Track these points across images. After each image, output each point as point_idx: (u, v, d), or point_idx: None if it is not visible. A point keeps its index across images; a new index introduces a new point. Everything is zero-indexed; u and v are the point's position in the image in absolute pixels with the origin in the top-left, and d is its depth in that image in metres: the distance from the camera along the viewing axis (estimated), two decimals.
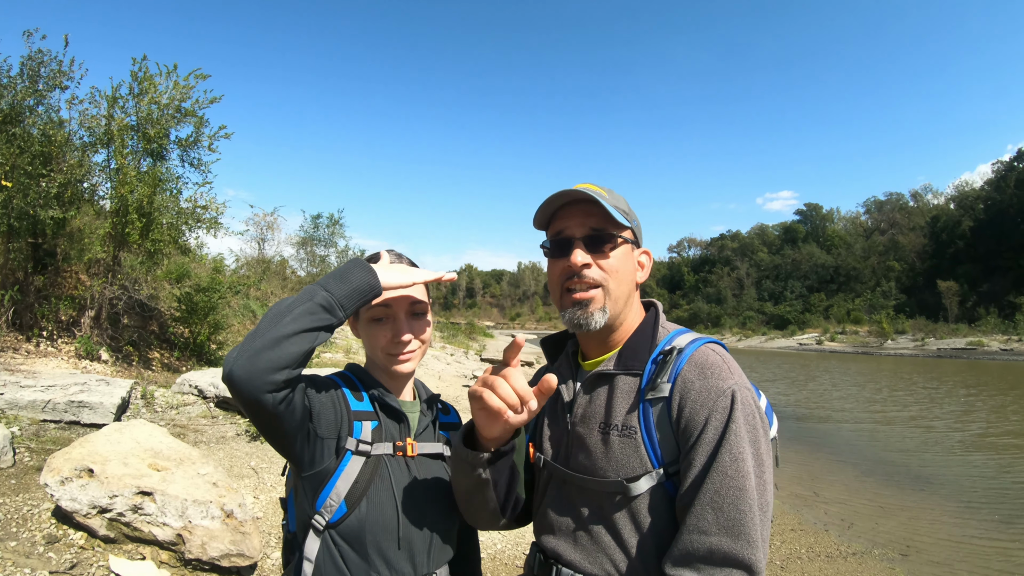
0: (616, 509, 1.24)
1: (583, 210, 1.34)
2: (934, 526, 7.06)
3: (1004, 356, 48.24)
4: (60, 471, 3.75)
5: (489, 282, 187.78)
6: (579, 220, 1.33)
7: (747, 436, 1.16)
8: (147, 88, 8.90)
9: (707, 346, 1.30)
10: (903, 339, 66.83)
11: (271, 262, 23.18)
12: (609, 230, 1.33)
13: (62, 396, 5.91)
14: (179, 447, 4.37)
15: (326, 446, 1.36)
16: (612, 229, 1.33)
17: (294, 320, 1.20)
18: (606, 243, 1.32)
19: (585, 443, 1.31)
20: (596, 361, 1.40)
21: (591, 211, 1.33)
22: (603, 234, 1.32)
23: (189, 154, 9.83)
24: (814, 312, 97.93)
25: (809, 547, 6.20)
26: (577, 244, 1.32)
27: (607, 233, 1.32)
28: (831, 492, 8.49)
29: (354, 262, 1.35)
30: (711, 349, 1.29)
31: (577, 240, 1.32)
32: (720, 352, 1.29)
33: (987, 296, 74.85)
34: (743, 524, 1.10)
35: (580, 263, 1.30)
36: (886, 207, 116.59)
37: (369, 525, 1.36)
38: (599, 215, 1.32)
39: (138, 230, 8.57)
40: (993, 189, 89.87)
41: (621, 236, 1.34)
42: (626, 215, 1.35)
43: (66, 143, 8.36)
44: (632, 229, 1.38)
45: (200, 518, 3.76)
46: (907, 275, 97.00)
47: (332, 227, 25.73)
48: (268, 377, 1.16)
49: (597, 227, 1.32)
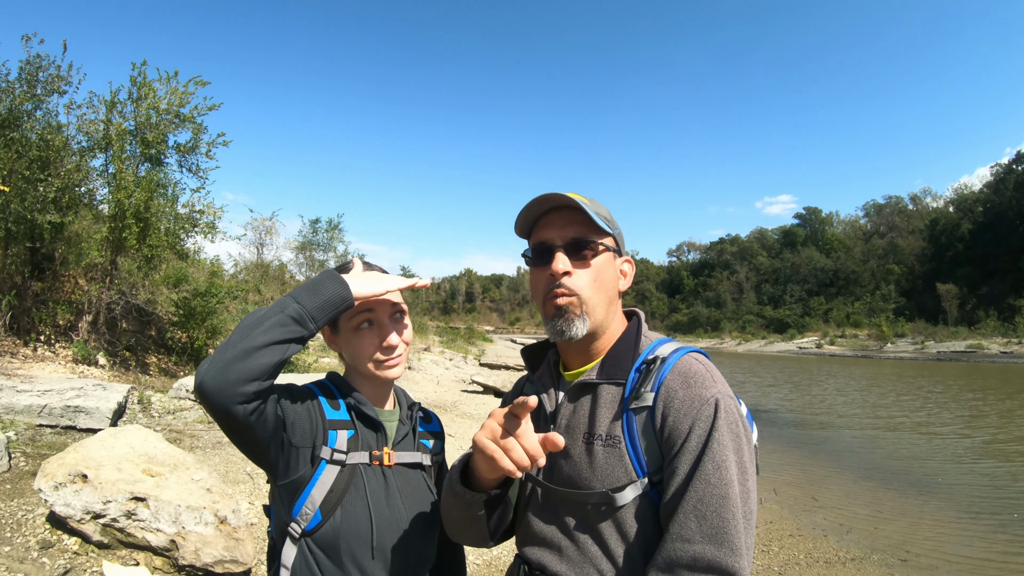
0: (602, 519, 1.23)
1: (565, 217, 1.32)
2: (934, 531, 7.03)
3: (1004, 359, 48.18)
4: (54, 476, 3.74)
5: (488, 287, 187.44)
6: (560, 227, 1.32)
7: (731, 444, 1.16)
8: (146, 93, 8.94)
9: (690, 355, 1.29)
10: (903, 342, 66.65)
11: (270, 267, 23.19)
12: (590, 237, 1.31)
13: (58, 401, 5.90)
14: (173, 452, 4.37)
15: (301, 455, 1.36)
16: (593, 236, 1.32)
17: (265, 332, 1.20)
18: (587, 250, 1.31)
19: (569, 453, 1.30)
20: (578, 371, 1.39)
21: (573, 218, 1.32)
22: (584, 241, 1.31)
23: (187, 160, 9.88)
24: (813, 316, 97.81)
25: (807, 553, 6.18)
26: (558, 251, 1.30)
27: (588, 240, 1.31)
28: (829, 497, 8.45)
29: (326, 274, 1.35)
30: (694, 358, 1.28)
31: (558, 247, 1.31)
32: (703, 361, 1.29)
33: (986, 299, 74.79)
34: (726, 532, 1.10)
35: (561, 270, 1.29)
36: (885, 210, 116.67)
37: (343, 534, 1.36)
38: (581, 222, 1.31)
39: (135, 235, 8.59)
40: (992, 192, 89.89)
41: (603, 244, 1.33)
42: (608, 222, 1.34)
43: (64, 148, 8.40)
44: (614, 237, 1.37)
45: (194, 524, 3.75)
46: (906, 278, 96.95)
47: (331, 232, 25.79)
48: (238, 388, 1.16)
49: (578, 235, 1.31)
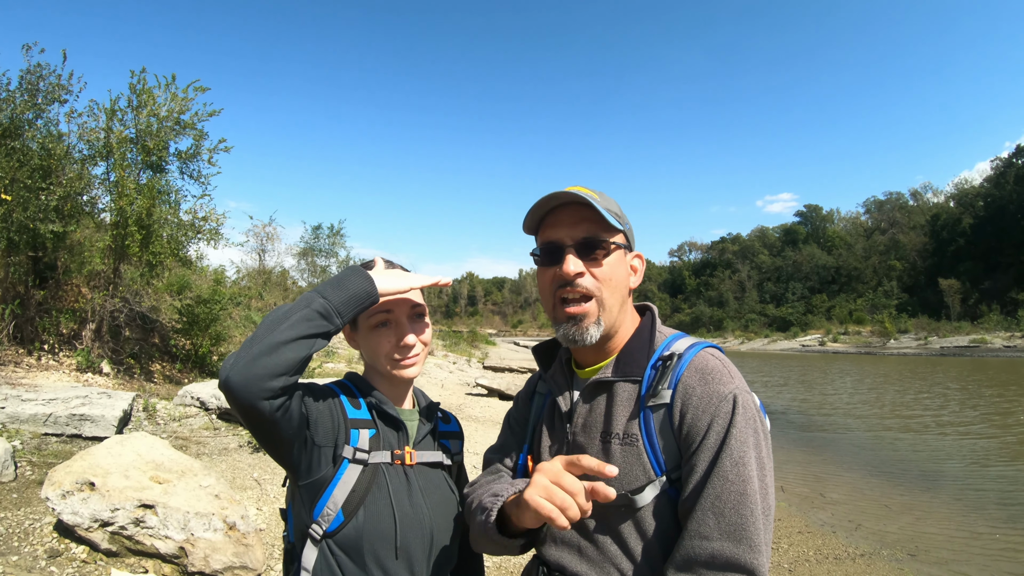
0: (621, 520, 1.21)
1: (574, 214, 1.28)
2: (942, 526, 7.00)
3: (1008, 353, 48.13)
4: (61, 484, 3.73)
5: (491, 290, 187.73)
6: (570, 225, 1.28)
7: (750, 440, 1.15)
8: (146, 101, 8.92)
9: (706, 351, 1.27)
10: (906, 338, 66.71)
11: (272, 273, 23.18)
12: (601, 235, 1.27)
13: (64, 409, 5.89)
14: (180, 459, 4.35)
15: (323, 454, 1.34)
16: (604, 234, 1.27)
17: (291, 327, 1.19)
18: (599, 249, 1.27)
19: (586, 453, 1.27)
20: (593, 369, 1.36)
21: (583, 215, 1.27)
22: (596, 240, 1.26)
23: (189, 166, 9.86)
24: (816, 313, 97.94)
25: (817, 549, 6.15)
26: (569, 251, 1.26)
27: (600, 239, 1.27)
28: (837, 494, 8.42)
29: (351, 269, 1.33)
30: (710, 354, 1.27)
31: (568, 247, 1.27)
32: (719, 356, 1.27)
33: (989, 293, 74.84)
34: (745, 528, 1.09)
35: (573, 272, 1.25)
36: (886, 207, 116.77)
37: (366, 534, 1.33)
38: (591, 220, 1.27)
39: (138, 242, 8.57)
40: (993, 186, 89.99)
41: (614, 241, 1.28)
42: (618, 218, 1.30)
43: (65, 156, 8.39)
44: (624, 233, 1.32)
45: (202, 530, 3.74)
46: (908, 274, 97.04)
47: (333, 237, 25.76)
48: (265, 384, 1.15)
49: (589, 233, 1.27)
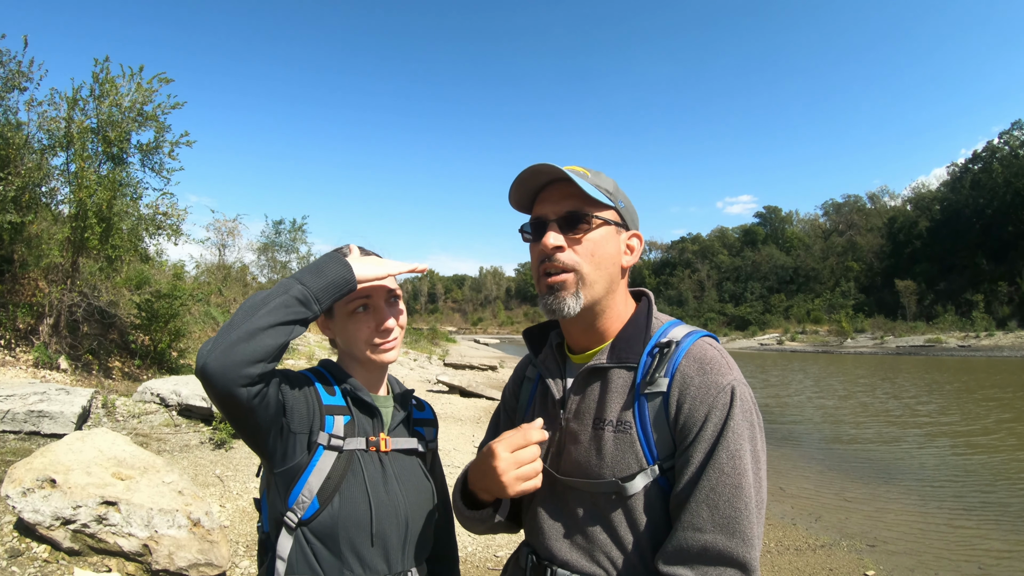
0: (612, 508, 1.22)
1: (562, 190, 1.28)
2: (900, 518, 7.24)
3: (962, 352, 49.83)
4: (22, 482, 3.63)
5: (451, 287, 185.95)
6: (555, 201, 1.28)
7: (746, 433, 1.15)
8: (108, 90, 8.71)
9: (703, 340, 1.26)
10: (862, 337, 68.19)
11: (232, 268, 22.73)
12: (585, 210, 1.26)
13: (21, 406, 5.74)
14: (143, 455, 4.28)
15: (298, 441, 1.34)
16: (589, 209, 1.26)
17: (269, 313, 1.19)
18: (582, 223, 1.26)
19: (579, 440, 1.28)
20: (588, 355, 1.35)
21: (570, 191, 1.27)
22: (578, 214, 1.26)
23: (150, 159, 9.66)
24: (774, 313, 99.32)
25: (778, 541, 6.31)
26: (551, 227, 1.26)
27: (582, 213, 1.26)
28: (797, 487, 8.64)
29: (329, 256, 1.34)
30: (708, 343, 1.26)
31: (551, 222, 1.27)
32: (716, 346, 1.26)
33: (944, 294, 76.75)
34: (739, 522, 1.09)
35: (552, 245, 1.25)
36: (844, 209, 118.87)
37: (342, 521, 1.33)
38: (576, 195, 1.26)
39: (97, 235, 8.37)
40: (949, 190, 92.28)
41: (599, 217, 1.27)
42: (609, 195, 1.28)
43: (24, 146, 8.16)
44: (617, 210, 1.30)
45: (167, 527, 3.68)
46: (865, 275, 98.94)
47: (294, 232, 25.34)
48: (243, 370, 1.15)
49: (573, 208, 1.26)
